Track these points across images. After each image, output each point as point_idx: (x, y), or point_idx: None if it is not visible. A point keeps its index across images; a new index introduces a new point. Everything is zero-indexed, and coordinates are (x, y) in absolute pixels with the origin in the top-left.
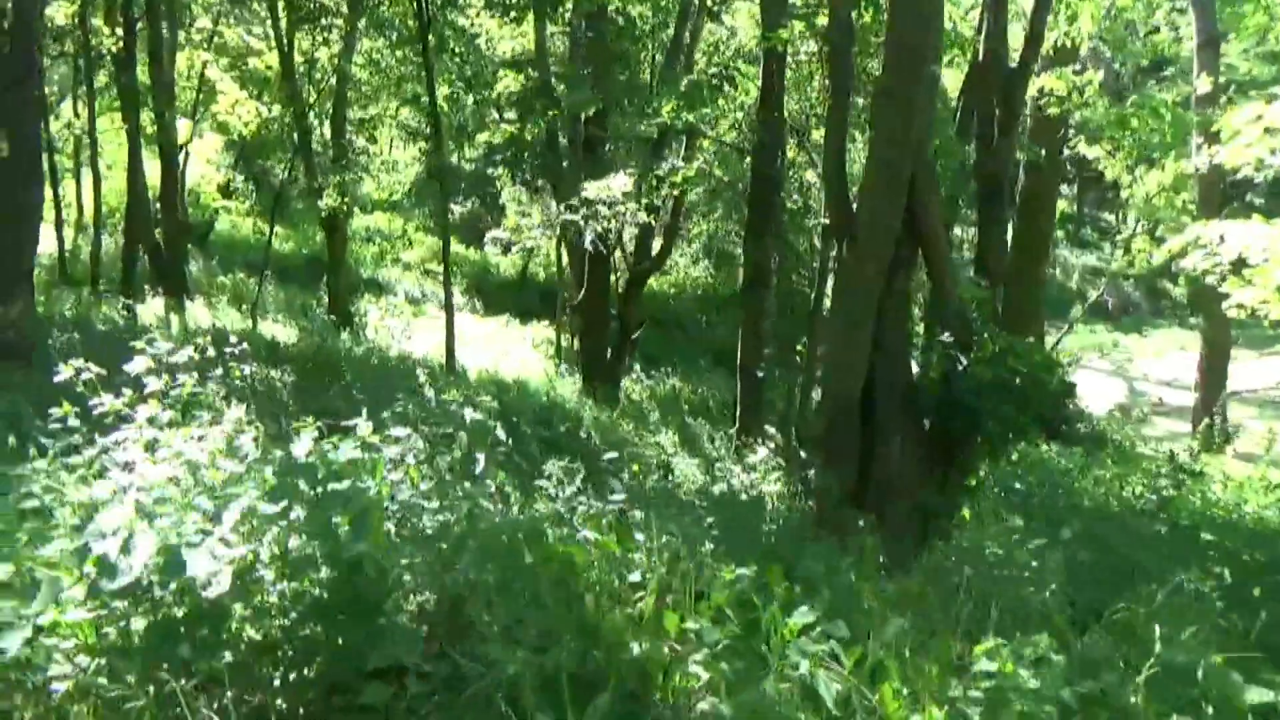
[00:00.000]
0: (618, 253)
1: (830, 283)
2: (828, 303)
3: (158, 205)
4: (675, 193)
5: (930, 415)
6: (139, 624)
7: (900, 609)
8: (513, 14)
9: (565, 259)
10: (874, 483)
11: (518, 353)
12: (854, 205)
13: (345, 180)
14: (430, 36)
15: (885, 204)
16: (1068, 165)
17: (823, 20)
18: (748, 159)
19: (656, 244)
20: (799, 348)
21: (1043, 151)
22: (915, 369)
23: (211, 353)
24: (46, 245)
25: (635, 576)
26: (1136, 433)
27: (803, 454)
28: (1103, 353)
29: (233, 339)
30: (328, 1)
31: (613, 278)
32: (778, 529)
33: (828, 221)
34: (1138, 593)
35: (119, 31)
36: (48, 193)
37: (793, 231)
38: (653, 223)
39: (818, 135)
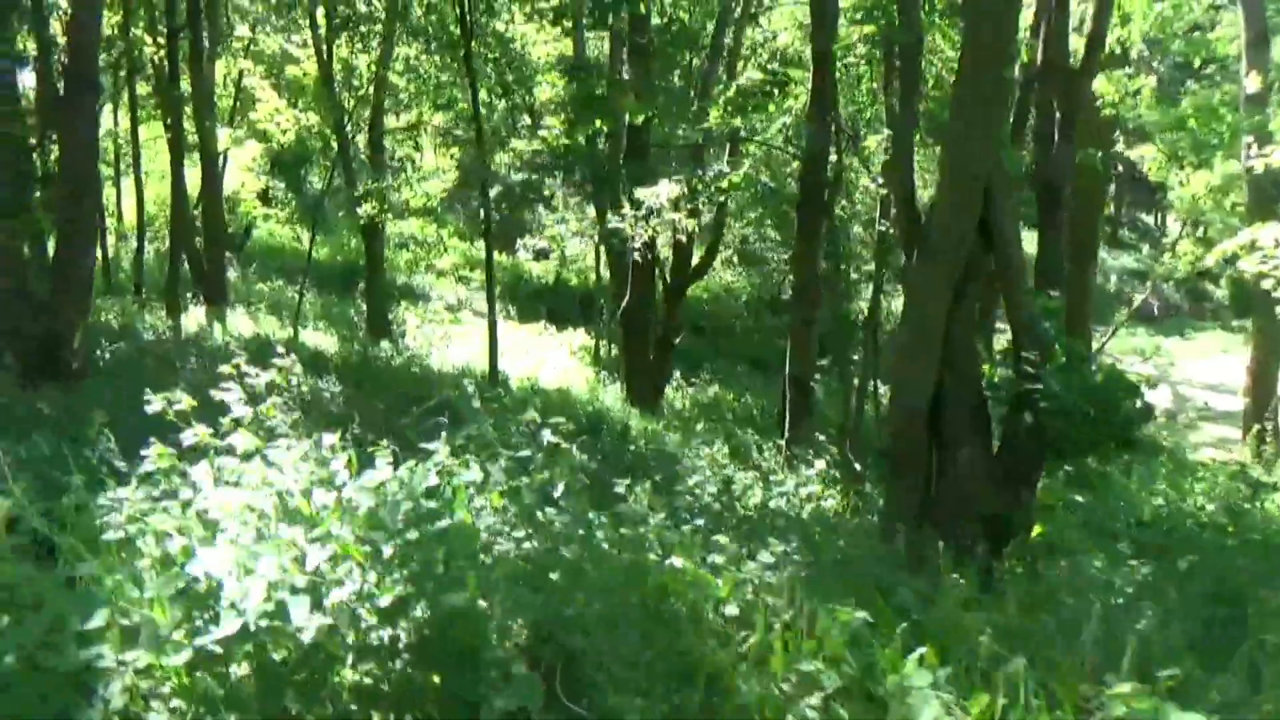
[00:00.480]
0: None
1: (884, 288)
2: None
3: (197, 213)
4: (721, 198)
5: (1000, 429)
6: (237, 668)
7: (1008, 643)
8: (554, 19)
9: (606, 266)
10: (942, 498)
11: (555, 360)
12: (922, 213)
13: (384, 187)
14: (473, 43)
15: (959, 211)
16: (1117, 166)
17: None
18: (793, 163)
19: (695, 250)
20: (854, 357)
21: (1099, 154)
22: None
23: (298, 369)
24: None
25: (733, 610)
26: (1185, 439)
27: (857, 466)
28: (1145, 357)
29: (280, 349)
30: (366, 9)
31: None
32: (851, 548)
33: (889, 228)
34: (1254, 620)
35: (160, 40)
36: None
37: (843, 237)
38: (696, 228)
39: (872, 141)
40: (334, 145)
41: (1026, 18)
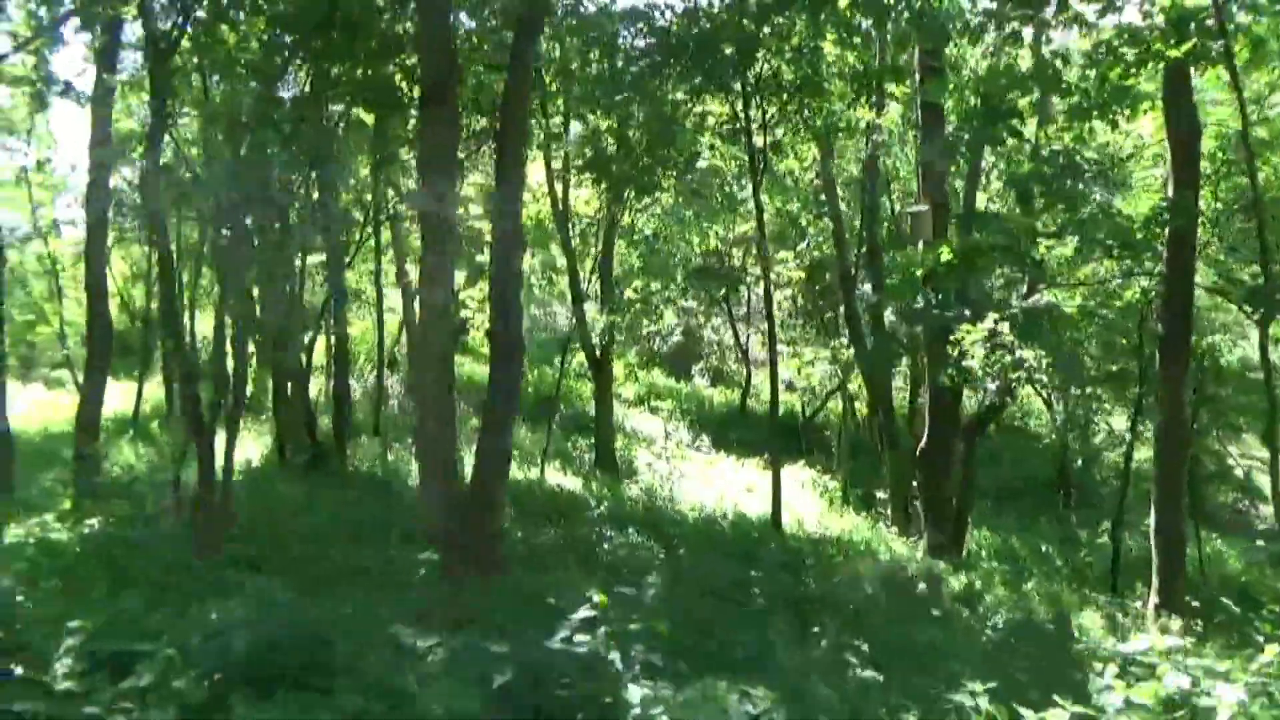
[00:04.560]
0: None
1: None
2: None
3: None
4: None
5: None
6: None
7: None
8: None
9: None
10: None
11: (799, 499)
12: None
13: (617, 322)
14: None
15: None
16: None
17: None
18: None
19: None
20: None
21: None
22: None
23: None
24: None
25: None
26: None
27: None
28: None
29: (593, 503)
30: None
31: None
32: None
33: None
34: None
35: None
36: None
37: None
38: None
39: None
40: (559, 282)
41: None
